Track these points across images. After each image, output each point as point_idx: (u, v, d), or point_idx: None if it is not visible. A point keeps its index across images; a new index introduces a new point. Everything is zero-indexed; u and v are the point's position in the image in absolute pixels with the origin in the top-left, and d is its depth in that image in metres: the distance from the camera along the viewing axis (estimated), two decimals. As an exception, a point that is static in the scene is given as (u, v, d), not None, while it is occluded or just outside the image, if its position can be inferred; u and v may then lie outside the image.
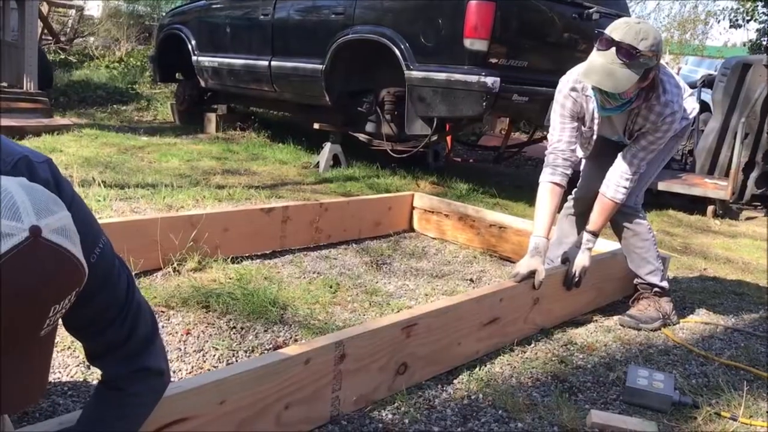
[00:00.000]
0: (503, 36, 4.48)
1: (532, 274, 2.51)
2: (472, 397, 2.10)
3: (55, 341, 1.18)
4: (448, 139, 6.26)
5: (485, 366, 2.32)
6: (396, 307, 2.77)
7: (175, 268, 2.89)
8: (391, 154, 5.32)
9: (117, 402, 1.30)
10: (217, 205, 4.04)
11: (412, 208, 4.00)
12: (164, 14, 9.69)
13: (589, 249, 2.72)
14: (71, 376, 2.00)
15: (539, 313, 2.61)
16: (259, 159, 5.98)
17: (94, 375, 2.01)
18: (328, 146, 5.74)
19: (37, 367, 1.00)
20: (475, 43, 4.40)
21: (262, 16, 5.99)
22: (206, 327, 2.41)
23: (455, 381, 2.20)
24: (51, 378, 1.98)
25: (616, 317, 2.90)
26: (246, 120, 7.48)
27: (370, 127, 5.52)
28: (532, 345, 2.53)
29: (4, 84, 7.99)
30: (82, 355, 2.09)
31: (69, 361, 2.07)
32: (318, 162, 5.80)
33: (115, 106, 8.73)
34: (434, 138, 5.11)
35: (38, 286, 0.89)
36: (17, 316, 0.89)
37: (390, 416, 1.94)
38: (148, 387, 1.33)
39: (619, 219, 2.84)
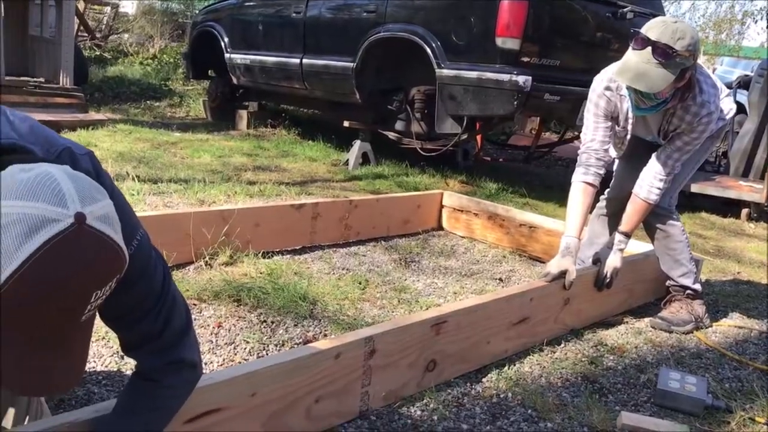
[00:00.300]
0: (535, 35, 4.45)
1: (563, 274, 2.50)
2: (501, 396, 2.09)
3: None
4: (478, 138, 6.23)
5: (514, 365, 2.31)
6: (425, 305, 2.77)
7: (207, 261, 2.93)
8: (421, 152, 5.32)
9: (151, 393, 1.32)
10: (248, 200, 4.08)
11: (441, 206, 4.00)
12: (197, 12, 9.79)
13: (621, 250, 2.70)
14: (105, 366, 2.04)
15: (569, 314, 2.59)
16: (290, 156, 6.01)
17: (128, 365, 2.05)
18: (357, 144, 5.76)
19: (76, 352, 1.02)
20: (507, 42, 4.38)
21: (294, 14, 6.03)
22: (237, 320, 2.44)
23: (484, 379, 2.19)
24: (86, 367, 2.02)
25: (647, 319, 2.87)
26: (276, 117, 7.54)
27: (399, 125, 5.53)
28: (562, 345, 2.52)
29: (41, 79, 8.15)
30: (116, 346, 2.13)
31: (103, 351, 2.11)
32: (347, 159, 5.81)
33: (148, 102, 8.85)
34: (464, 137, 5.09)
35: (81, 271, 0.91)
36: (60, 300, 0.91)
37: (419, 413, 1.95)
38: (182, 379, 1.35)
39: (652, 220, 2.81)
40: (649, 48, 2.29)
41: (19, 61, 8.62)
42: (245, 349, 2.25)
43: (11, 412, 1.43)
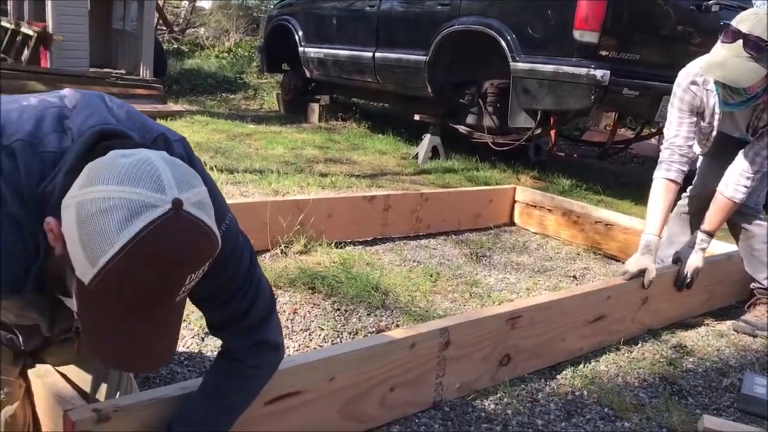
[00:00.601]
0: (615, 28, 4.34)
1: (641, 272, 2.43)
2: (576, 393, 2.06)
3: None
4: (552, 133, 6.13)
5: (589, 363, 2.27)
6: (497, 300, 2.75)
7: (282, 250, 2.99)
8: (492, 146, 5.27)
9: (236, 373, 1.35)
10: (321, 192, 4.13)
11: (514, 201, 3.95)
12: (272, 6, 9.97)
13: (703, 249, 2.61)
14: (187, 347, 2.11)
15: (647, 313, 2.52)
16: (360, 149, 6.06)
17: (208, 347, 2.11)
18: (427, 137, 5.75)
19: (168, 331, 1.05)
20: (585, 35, 4.29)
21: (368, 8, 6.06)
22: (312, 307, 2.48)
23: (558, 376, 2.16)
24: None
25: (729, 322, 2.77)
26: (347, 110, 7.61)
27: (471, 119, 5.49)
28: (639, 345, 2.46)
29: (123, 71, 8.48)
30: (197, 328, 2.20)
31: (185, 333, 2.18)
32: (417, 153, 5.82)
33: (223, 94, 9.08)
34: (537, 131, 5.02)
35: (178, 255, 0.93)
36: (157, 282, 0.94)
37: (492, 406, 1.94)
38: (266, 360, 1.38)
39: (737, 219, 2.70)
40: (740, 41, 2.20)
41: (102, 54, 9.00)
42: (320, 335, 2.29)
43: (104, 387, 1.50)
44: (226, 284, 1.27)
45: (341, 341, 2.26)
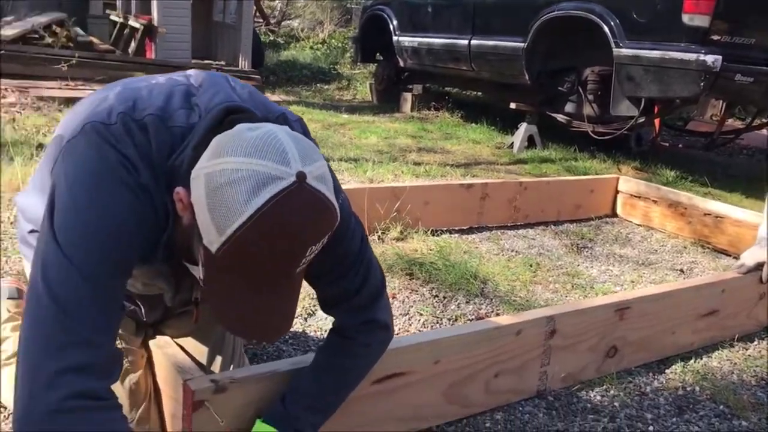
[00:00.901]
0: (728, 10, 4.10)
1: (759, 266, 2.30)
2: (688, 389, 1.97)
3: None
4: (656, 122, 5.88)
5: (701, 359, 2.17)
6: (600, 292, 2.67)
7: (379, 236, 3.01)
8: (592, 135, 5.12)
9: (348, 351, 1.36)
10: (415, 180, 4.13)
11: (617, 192, 3.82)
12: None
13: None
14: (292, 327, 2.16)
15: (765, 310, 2.38)
16: (453, 138, 6.02)
17: (311, 327, 2.15)
18: (523, 126, 5.65)
19: (288, 303, 1.08)
20: (695, 19, 4.08)
21: (464, -5, 6.00)
22: (410, 293, 2.48)
23: (667, 371, 2.08)
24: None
25: None
26: (440, 100, 7.57)
27: (569, 107, 5.34)
28: (755, 342, 2.32)
29: (223, 62, 8.76)
30: (300, 309, 2.25)
31: (288, 313, 2.23)
32: (512, 143, 5.72)
33: (318, 84, 9.22)
34: (640, 120, 4.83)
35: (300, 227, 0.95)
36: (280, 253, 0.96)
37: (598, 398, 1.88)
38: (376, 339, 1.39)
39: None
40: None
41: (203, 46, 9.32)
42: (419, 320, 2.29)
43: (219, 360, 1.56)
44: (340, 260, 1.29)
45: (440, 327, 2.25)
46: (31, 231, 1.28)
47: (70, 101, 5.19)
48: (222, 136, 1.00)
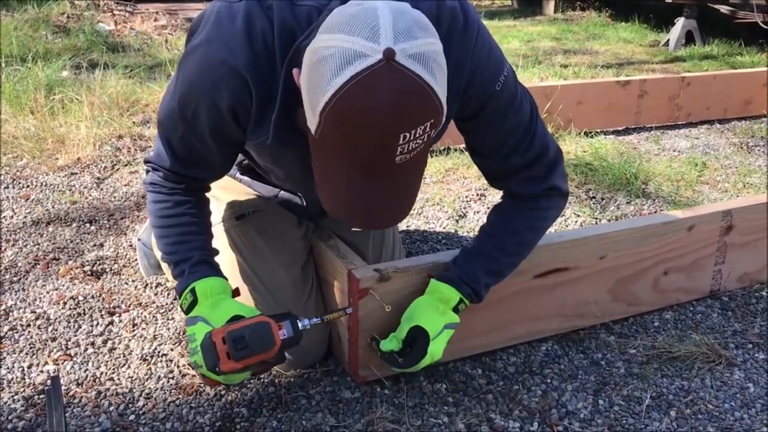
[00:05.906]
0: None
1: None
2: None
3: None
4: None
5: None
6: (777, 190, 2.44)
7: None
8: (763, 26, 4.60)
9: (527, 214, 1.33)
10: (564, 81, 3.92)
11: (793, 84, 3.43)
12: None
13: None
14: (443, 227, 2.15)
15: None
16: (600, 38, 5.66)
17: (464, 228, 2.13)
18: (681, 21, 5.18)
19: (397, 192, 1.01)
20: None
21: None
22: (566, 194, 2.39)
23: None
24: (426, 227, 2.15)
25: None
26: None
27: (736, -5, 4.83)
28: None
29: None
30: (451, 210, 2.23)
31: (440, 215, 2.22)
32: (668, 40, 5.29)
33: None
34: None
35: (384, 110, 0.86)
36: (367, 138, 0.89)
37: (781, 299, 1.74)
38: (554, 204, 1.35)
39: None
40: None
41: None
42: (576, 222, 2.20)
43: (380, 252, 1.58)
44: (505, 138, 1.23)
45: (600, 227, 2.15)
46: None
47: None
48: (333, 12, 0.94)
